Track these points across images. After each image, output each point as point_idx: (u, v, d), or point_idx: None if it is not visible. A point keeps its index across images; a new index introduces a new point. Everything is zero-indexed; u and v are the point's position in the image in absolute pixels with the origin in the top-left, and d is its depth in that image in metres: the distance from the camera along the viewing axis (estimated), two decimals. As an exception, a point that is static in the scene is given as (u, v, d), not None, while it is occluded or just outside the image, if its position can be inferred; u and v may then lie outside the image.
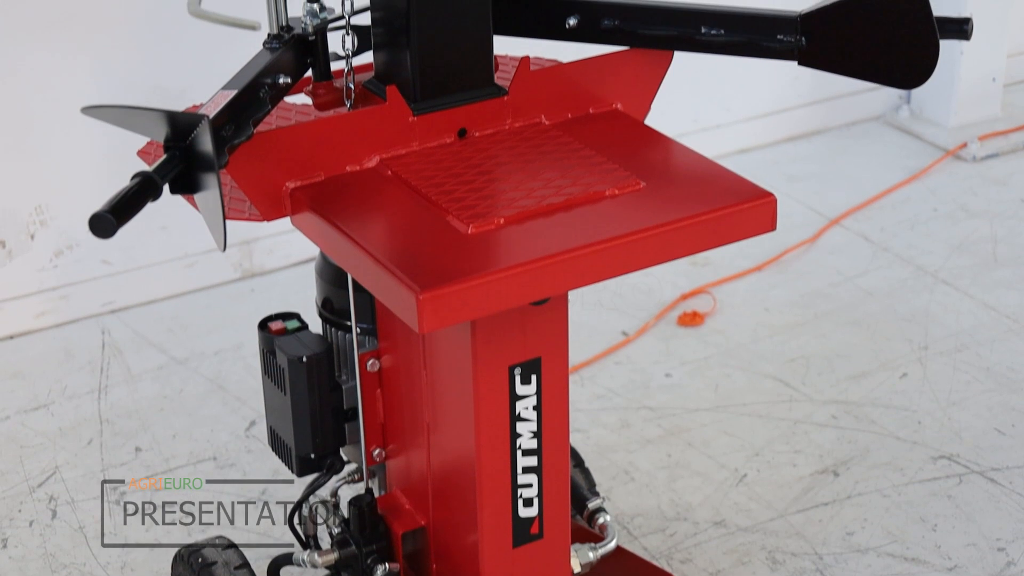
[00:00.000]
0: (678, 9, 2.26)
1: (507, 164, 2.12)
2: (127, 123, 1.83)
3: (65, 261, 3.74)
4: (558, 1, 2.32)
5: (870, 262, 3.96)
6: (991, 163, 4.54)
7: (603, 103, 2.30)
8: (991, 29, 4.57)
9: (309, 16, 2.21)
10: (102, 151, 3.53)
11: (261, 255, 3.94)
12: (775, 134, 4.68)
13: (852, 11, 2.10)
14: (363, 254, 1.93)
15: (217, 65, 2.51)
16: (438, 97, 2.18)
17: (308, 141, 2.09)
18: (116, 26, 3.59)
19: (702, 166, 2.15)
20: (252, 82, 2.03)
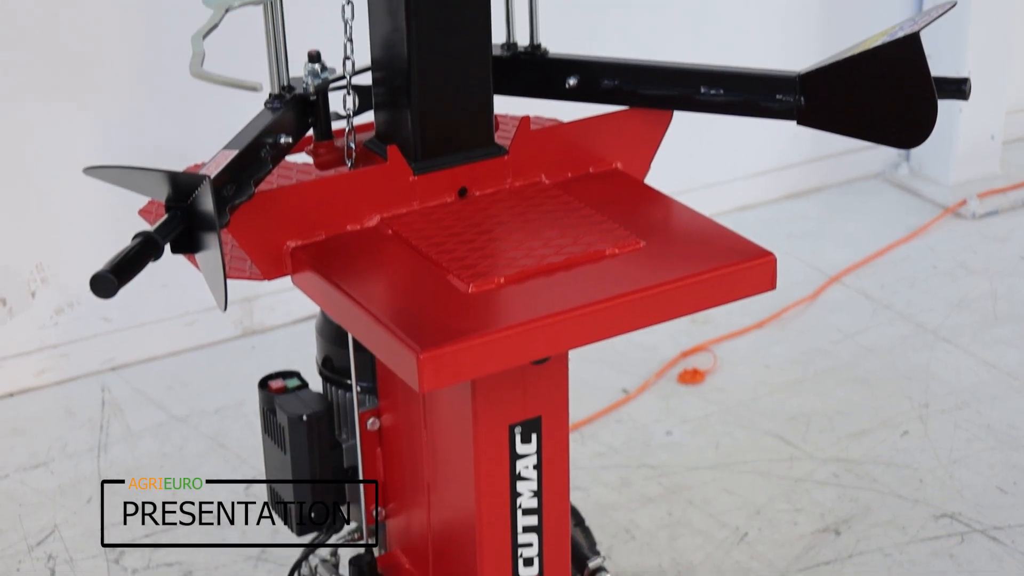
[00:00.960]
0: (677, 69, 2.27)
1: (507, 223, 2.13)
2: (129, 183, 1.83)
3: (66, 319, 3.74)
4: (558, 61, 2.34)
5: (870, 319, 3.97)
6: (990, 220, 4.55)
7: (603, 162, 2.31)
8: (990, 87, 4.60)
9: (310, 76, 2.22)
10: (103, 209, 3.54)
11: (262, 313, 3.94)
12: (775, 192, 4.69)
13: (850, 71, 2.11)
14: (364, 313, 1.93)
15: (219, 124, 2.52)
16: (439, 156, 2.19)
17: (309, 200, 2.10)
18: (118, 85, 3.61)
19: (702, 225, 2.15)
20: (253, 142, 2.04)
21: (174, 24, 3.08)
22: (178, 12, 2.85)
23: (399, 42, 2.14)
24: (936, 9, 2.12)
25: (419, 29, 2.12)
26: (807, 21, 4.54)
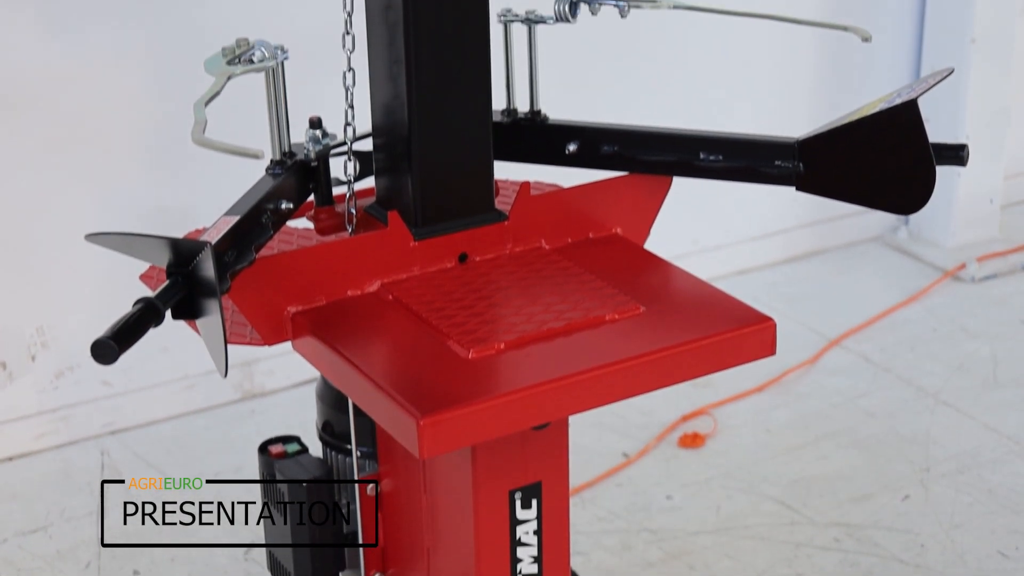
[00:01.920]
0: (677, 135, 2.29)
1: (507, 289, 2.14)
2: (130, 250, 1.84)
3: (66, 382, 3.74)
4: (558, 127, 2.35)
5: (871, 383, 3.96)
6: (990, 284, 4.55)
7: (603, 228, 2.32)
8: (988, 151, 4.62)
9: (311, 142, 2.23)
10: (104, 273, 3.55)
11: (262, 376, 3.94)
12: (774, 255, 4.70)
13: (849, 137, 2.12)
14: (364, 379, 1.93)
15: (220, 186, 2.54)
16: (439, 222, 2.19)
17: (310, 266, 2.10)
18: (119, 149, 3.62)
19: (701, 290, 2.16)
20: (254, 208, 2.05)
21: (176, 90, 3.10)
22: (180, 78, 2.87)
23: (400, 108, 2.16)
24: (934, 76, 2.13)
25: (420, 95, 2.13)
26: (806, 87, 4.56)
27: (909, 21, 4.66)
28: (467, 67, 2.16)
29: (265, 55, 2.12)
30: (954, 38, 4.55)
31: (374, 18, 2.17)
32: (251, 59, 2.11)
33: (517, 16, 2.34)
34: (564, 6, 2.28)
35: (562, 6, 2.28)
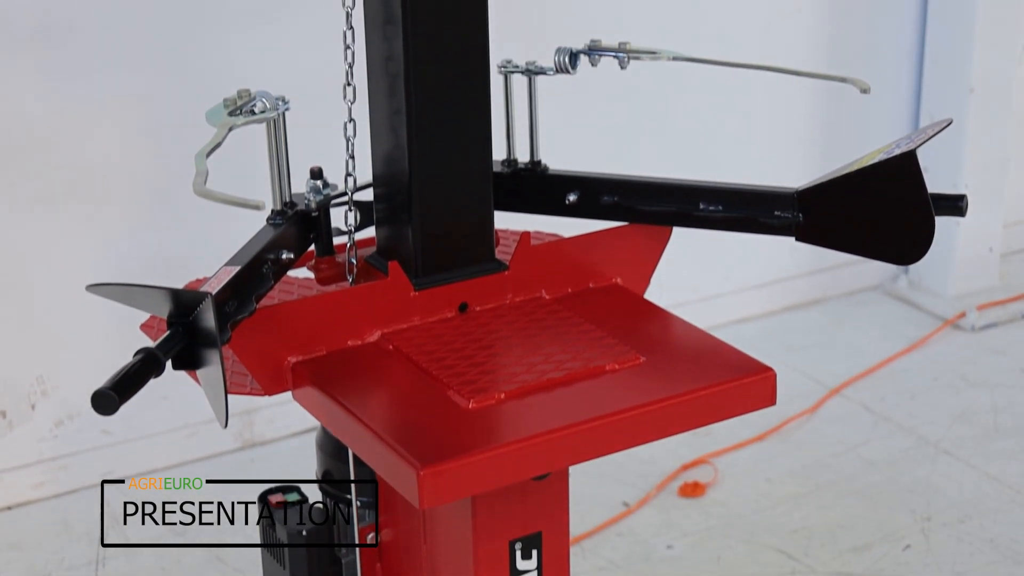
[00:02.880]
0: (676, 185, 2.29)
1: (508, 339, 2.14)
2: (131, 300, 1.84)
3: (65, 431, 3.74)
4: (558, 177, 2.36)
5: (871, 432, 3.96)
6: (990, 332, 4.56)
7: (603, 277, 2.32)
8: (987, 200, 4.63)
9: (312, 192, 2.24)
10: (104, 322, 3.55)
11: (262, 425, 3.94)
12: (774, 304, 4.70)
13: (848, 188, 2.13)
14: (364, 429, 1.93)
15: (221, 235, 2.54)
16: (439, 272, 2.20)
17: (310, 316, 2.10)
18: (120, 198, 3.63)
19: (701, 340, 2.16)
20: (255, 258, 2.05)
21: (177, 139, 3.11)
22: (181, 128, 2.88)
23: (400, 158, 2.16)
24: (932, 127, 2.14)
25: (420, 146, 2.14)
26: (805, 137, 4.58)
27: (908, 71, 4.68)
28: (468, 118, 2.17)
29: (266, 106, 2.13)
30: (953, 88, 4.57)
31: (375, 69, 2.18)
32: (252, 110, 2.12)
33: (517, 67, 2.35)
34: (564, 58, 2.30)
35: (562, 58, 2.30)
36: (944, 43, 4.57)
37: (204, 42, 3.58)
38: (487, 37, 2.16)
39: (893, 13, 4.60)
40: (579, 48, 2.31)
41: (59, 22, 3.42)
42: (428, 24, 2.09)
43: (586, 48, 2.31)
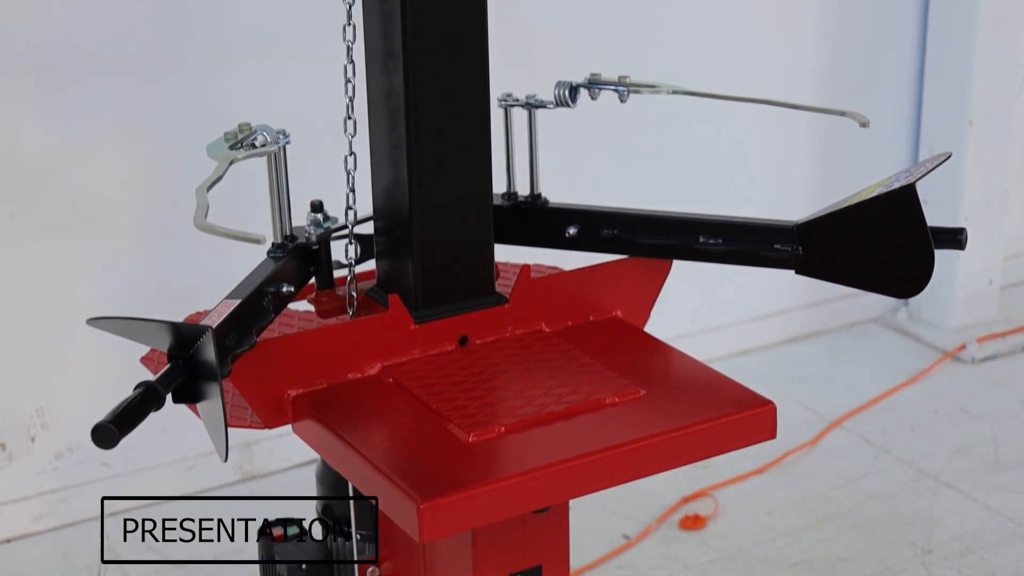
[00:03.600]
0: (676, 219, 2.30)
1: (508, 372, 2.14)
2: (132, 334, 1.84)
3: (65, 464, 3.73)
4: (558, 210, 2.36)
5: (872, 464, 3.95)
6: (990, 365, 4.55)
7: (603, 310, 2.33)
8: (987, 232, 4.64)
9: (313, 226, 2.24)
10: (104, 354, 3.55)
11: (261, 457, 3.93)
12: (775, 336, 4.70)
13: (847, 221, 2.13)
14: (364, 462, 1.93)
15: (222, 268, 2.54)
16: (440, 305, 2.20)
17: (310, 349, 2.11)
18: (121, 230, 3.64)
19: (701, 373, 2.16)
20: (255, 291, 2.06)
21: (178, 171, 3.12)
22: (182, 160, 2.89)
23: (401, 192, 2.17)
24: (931, 160, 2.14)
25: (421, 179, 2.14)
26: (805, 170, 4.59)
27: (907, 103, 4.69)
28: (468, 151, 2.18)
29: (267, 139, 2.14)
30: (952, 121, 4.58)
31: (375, 103, 2.19)
32: (253, 143, 2.13)
33: (517, 100, 2.36)
34: (564, 91, 2.31)
35: (562, 91, 2.31)
36: (943, 76, 4.58)
37: (204, 75, 3.59)
38: (487, 71, 2.17)
39: (892, 46, 4.62)
40: (579, 81, 2.32)
41: (59, 54, 3.43)
42: (428, 58, 2.10)
43: (586, 81, 2.32)
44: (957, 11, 4.49)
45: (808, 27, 4.46)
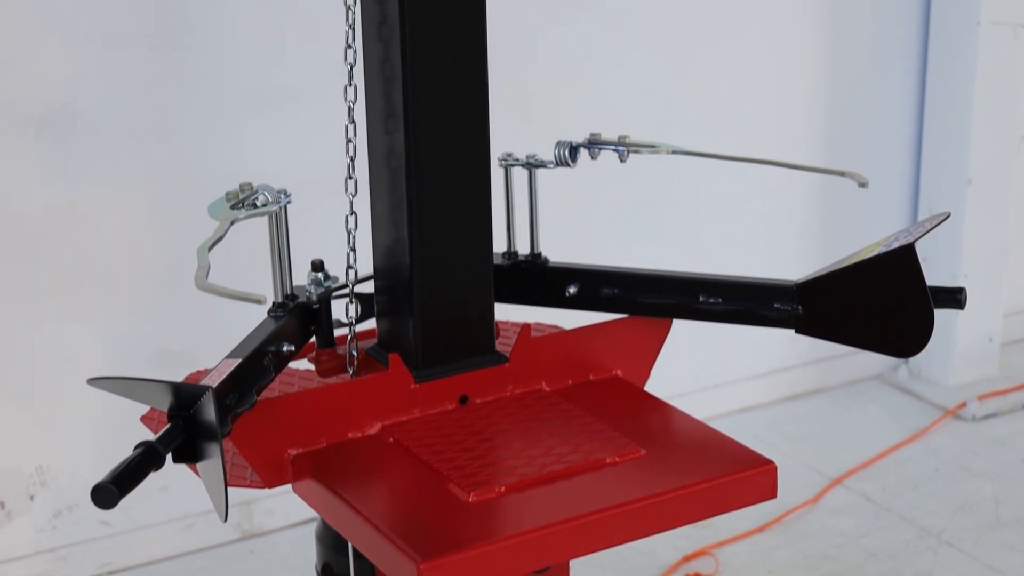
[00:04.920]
0: (676, 278, 2.30)
1: (508, 431, 2.14)
2: (132, 394, 1.85)
3: (64, 522, 3.72)
4: (558, 269, 2.37)
5: (873, 523, 3.94)
6: (991, 423, 4.55)
7: (603, 369, 2.33)
8: (986, 290, 4.64)
9: (313, 285, 2.25)
10: (104, 412, 3.54)
11: (261, 516, 3.92)
12: (775, 393, 4.70)
13: (847, 281, 2.14)
14: (363, 522, 1.93)
15: (222, 326, 2.55)
16: (440, 364, 2.20)
17: (311, 409, 2.11)
18: (121, 288, 3.64)
19: (702, 433, 2.16)
20: (256, 350, 2.06)
21: (179, 230, 3.12)
22: (183, 219, 2.90)
23: (401, 251, 2.18)
24: (931, 220, 2.15)
25: (421, 238, 2.15)
26: (804, 230, 4.60)
27: (906, 162, 4.71)
28: (468, 211, 2.19)
29: (268, 199, 2.15)
30: (950, 179, 4.59)
31: (377, 163, 2.20)
32: (254, 203, 2.14)
33: (518, 160, 2.37)
34: (564, 151, 2.32)
35: (562, 151, 2.32)
36: (942, 134, 4.60)
37: (206, 134, 3.61)
38: (487, 131, 2.18)
39: (891, 105, 4.64)
40: (579, 141, 2.33)
41: (60, 113, 3.45)
42: (429, 118, 2.12)
43: (586, 141, 2.33)
44: (955, 70, 4.51)
45: (807, 87, 4.49)
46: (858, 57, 4.56)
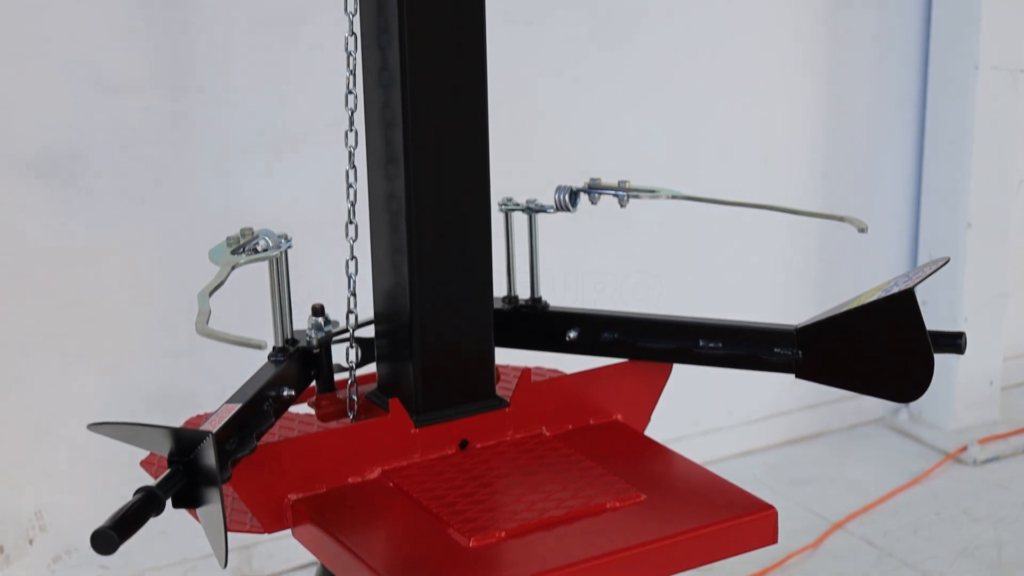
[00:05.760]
0: (676, 322, 2.31)
1: (508, 476, 2.14)
2: (133, 439, 1.85)
3: (63, 567, 3.71)
4: (558, 314, 2.37)
5: (874, 567, 3.93)
6: (992, 467, 4.54)
7: (604, 414, 2.33)
8: (986, 333, 4.64)
9: (314, 329, 2.25)
10: (104, 456, 3.54)
11: (260, 560, 3.91)
12: (776, 437, 4.69)
13: (847, 326, 2.14)
14: (363, 567, 1.93)
15: (223, 370, 2.55)
16: (440, 409, 2.20)
17: (311, 453, 2.11)
18: (121, 333, 3.64)
19: (702, 478, 2.16)
20: (256, 395, 2.06)
21: (180, 275, 3.13)
22: (184, 264, 2.90)
23: (401, 296, 2.18)
24: (930, 265, 2.16)
25: (421, 283, 2.16)
26: (804, 274, 4.60)
27: (905, 206, 4.72)
28: (468, 255, 2.19)
29: (269, 244, 2.16)
30: (950, 223, 4.60)
31: (377, 207, 2.21)
32: (255, 248, 2.14)
33: (518, 205, 2.38)
34: (564, 196, 2.33)
35: (562, 196, 2.33)
36: (941, 178, 4.61)
37: (207, 178, 3.61)
38: (488, 176, 2.19)
39: (890, 149, 4.65)
40: (579, 186, 2.34)
41: (63, 157, 3.46)
42: (429, 163, 2.12)
43: (586, 186, 2.34)
44: (954, 114, 4.53)
45: (806, 131, 4.50)
46: (857, 101, 4.57)
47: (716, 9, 4.23)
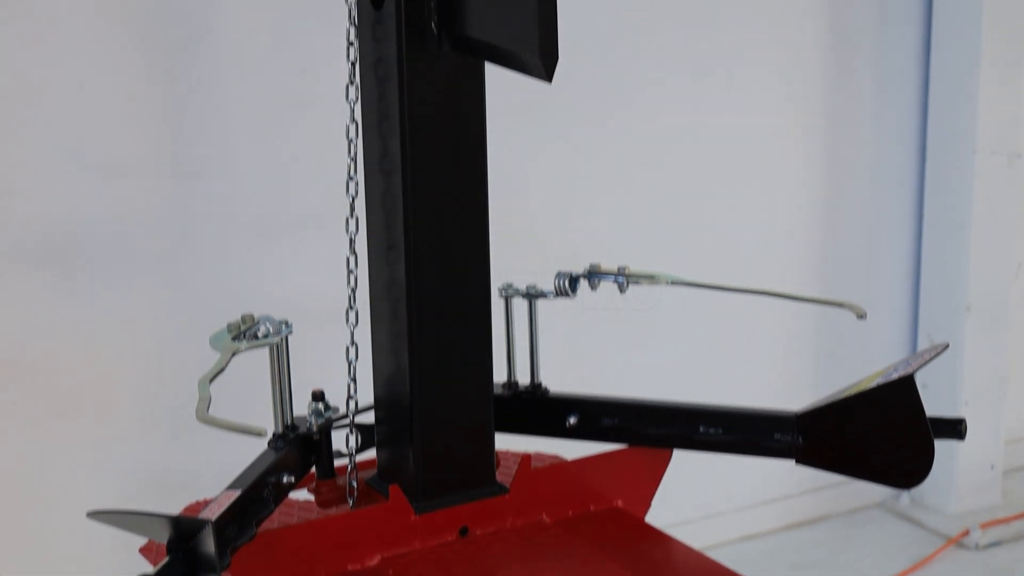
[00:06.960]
0: (676, 408, 2.30)
1: (509, 564, 2.13)
2: (132, 527, 1.84)
3: (60, 653, 3.68)
4: (558, 400, 2.37)
5: (877, 654, 3.91)
6: (994, 551, 4.51)
7: (604, 500, 2.32)
8: (987, 418, 4.63)
9: (314, 415, 2.25)
10: (104, 542, 3.52)
11: (259, 646, 3.87)
12: (777, 521, 4.67)
13: (847, 412, 2.14)
14: (363, 657, 1.92)
15: (222, 454, 2.54)
16: (440, 495, 2.20)
17: (310, 540, 2.10)
18: (122, 418, 3.63)
19: (702, 565, 2.15)
20: (256, 482, 2.05)
21: (180, 361, 3.13)
22: (184, 350, 2.90)
23: (402, 382, 2.18)
24: (930, 351, 2.16)
25: (422, 368, 2.16)
26: (803, 360, 4.60)
27: (904, 290, 4.73)
28: (469, 341, 2.19)
29: (269, 330, 2.16)
30: (949, 306, 4.61)
31: (377, 293, 2.21)
32: (256, 334, 2.14)
33: (518, 290, 2.38)
34: (564, 281, 2.33)
35: (562, 281, 2.33)
36: (940, 262, 4.63)
37: (207, 264, 3.62)
38: (488, 261, 2.20)
39: (888, 233, 4.67)
40: (579, 272, 2.34)
41: (62, 243, 3.47)
42: (430, 250, 2.13)
43: (586, 272, 2.34)
44: (953, 198, 4.55)
45: (805, 217, 4.52)
46: (856, 186, 4.60)
47: (715, 96, 4.26)
